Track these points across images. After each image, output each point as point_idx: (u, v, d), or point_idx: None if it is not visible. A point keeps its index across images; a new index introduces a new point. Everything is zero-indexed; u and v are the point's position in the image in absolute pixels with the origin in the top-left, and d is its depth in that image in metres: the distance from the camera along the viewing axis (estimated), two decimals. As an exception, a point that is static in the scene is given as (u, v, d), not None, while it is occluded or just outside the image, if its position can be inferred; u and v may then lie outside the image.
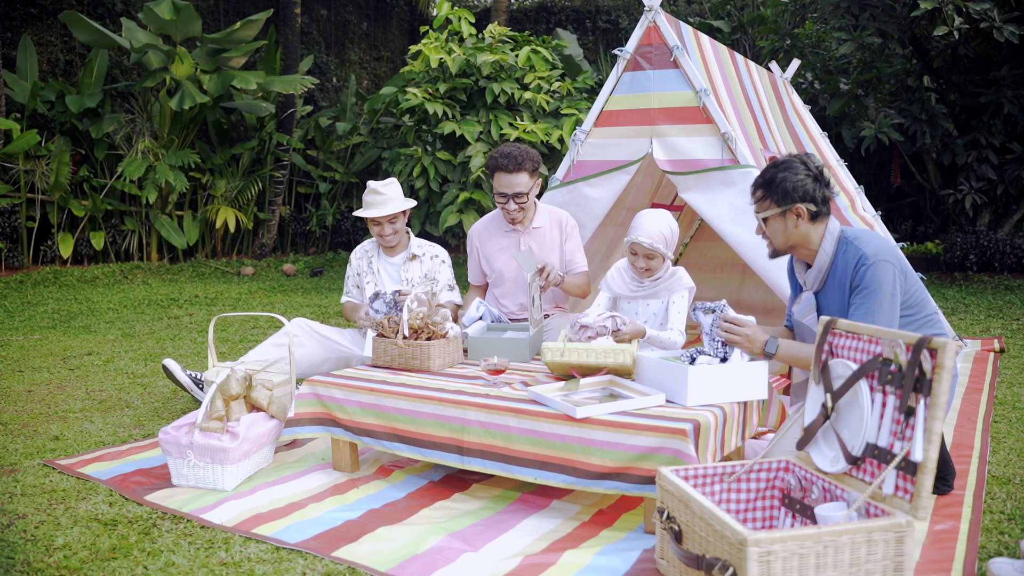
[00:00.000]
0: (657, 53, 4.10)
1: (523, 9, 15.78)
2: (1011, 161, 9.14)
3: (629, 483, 2.47)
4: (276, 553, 2.41)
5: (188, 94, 9.23)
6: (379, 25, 14.76)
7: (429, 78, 8.84)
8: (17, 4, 10.16)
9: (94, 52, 9.89)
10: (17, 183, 9.19)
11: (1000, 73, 8.66)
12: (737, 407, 2.72)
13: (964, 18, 7.60)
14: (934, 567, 2.29)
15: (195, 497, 2.83)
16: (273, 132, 10.84)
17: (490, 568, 2.30)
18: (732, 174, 3.87)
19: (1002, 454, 3.27)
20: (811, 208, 2.71)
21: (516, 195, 3.74)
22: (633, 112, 4.17)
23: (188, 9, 9.33)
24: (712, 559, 1.94)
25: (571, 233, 3.92)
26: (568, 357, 2.89)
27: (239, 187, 10.61)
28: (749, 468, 2.32)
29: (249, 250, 11.30)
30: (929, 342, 1.99)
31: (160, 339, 5.99)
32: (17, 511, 2.72)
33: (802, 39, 10.24)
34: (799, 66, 7.40)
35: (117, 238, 10.05)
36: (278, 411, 3.17)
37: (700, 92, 3.97)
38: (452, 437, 2.79)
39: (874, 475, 2.10)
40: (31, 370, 4.93)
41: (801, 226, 2.73)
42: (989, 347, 5.30)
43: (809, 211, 2.71)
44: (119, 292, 8.48)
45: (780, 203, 2.73)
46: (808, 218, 2.72)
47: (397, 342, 3.21)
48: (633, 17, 14.60)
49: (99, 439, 3.54)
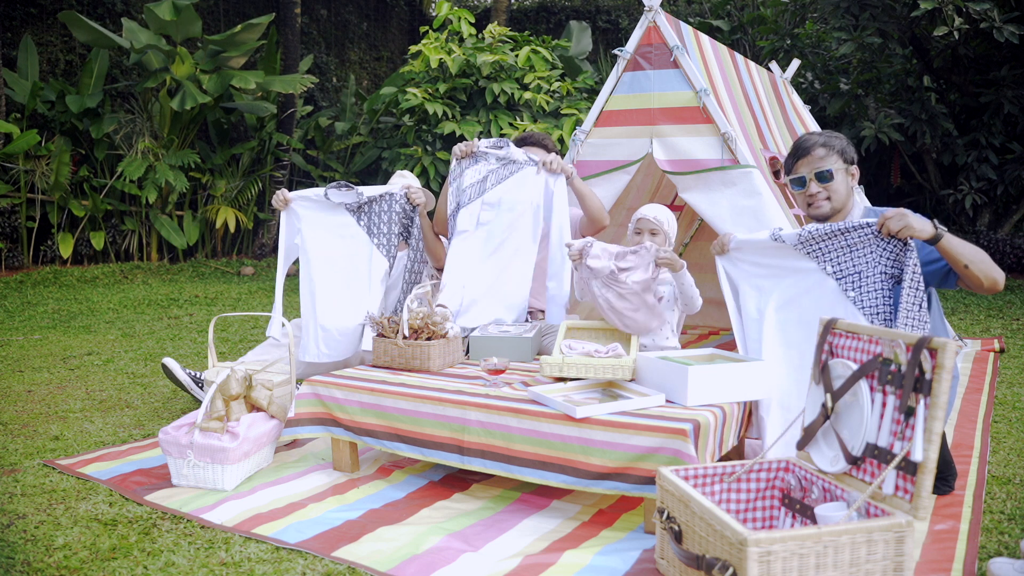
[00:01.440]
0: (657, 53, 4.10)
1: (523, 9, 15.78)
2: (1011, 161, 9.14)
3: (629, 483, 2.47)
4: (276, 553, 2.41)
5: (189, 94, 9.23)
6: (379, 25, 14.76)
7: (429, 78, 8.84)
8: (17, 4, 10.16)
9: (94, 52, 9.89)
10: (17, 183, 9.19)
11: (1000, 73, 8.66)
12: (737, 407, 2.72)
13: (964, 18, 7.60)
14: (934, 567, 2.29)
15: (195, 497, 2.83)
16: (273, 132, 10.84)
17: (490, 568, 2.30)
18: (732, 174, 3.87)
19: (1002, 454, 3.27)
20: (857, 174, 2.93)
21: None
22: (633, 112, 4.17)
23: (189, 10, 9.33)
24: (712, 559, 1.94)
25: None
26: (567, 372, 2.89)
27: (239, 187, 10.61)
28: (749, 468, 2.32)
29: (249, 250, 11.30)
30: (929, 342, 1.99)
31: (160, 339, 5.99)
32: (17, 511, 2.72)
33: (802, 39, 10.24)
34: (799, 66, 7.41)
35: (117, 238, 10.05)
36: (278, 411, 3.17)
37: (700, 92, 3.97)
38: (453, 437, 2.79)
39: (874, 475, 2.10)
40: (31, 370, 4.93)
41: (851, 189, 2.92)
42: (989, 347, 5.30)
43: (857, 177, 2.93)
44: (119, 292, 8.48)
45: (844, 160, 2.90)
46: (856, 182, 2.92)
47: (397, 342, 3.21)
48: (633, 17, 14.60)
49: (99, 439, 3.54)
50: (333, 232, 3.79)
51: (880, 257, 2.64)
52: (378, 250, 3.75)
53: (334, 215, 3.79)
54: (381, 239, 3.76)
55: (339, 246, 3.78)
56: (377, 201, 3.79)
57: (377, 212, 3.77)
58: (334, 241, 3.78)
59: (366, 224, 3.76)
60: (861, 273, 2.68)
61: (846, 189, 2.92)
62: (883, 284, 2.63)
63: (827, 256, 2.75)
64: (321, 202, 3.79)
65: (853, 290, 2.69)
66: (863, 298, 2.66)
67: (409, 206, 3.81)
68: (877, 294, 2.64)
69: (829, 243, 2.73)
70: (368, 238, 3.76)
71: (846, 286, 2.70)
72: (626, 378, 2.87)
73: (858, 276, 2.69)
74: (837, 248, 2.72)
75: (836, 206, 2.92)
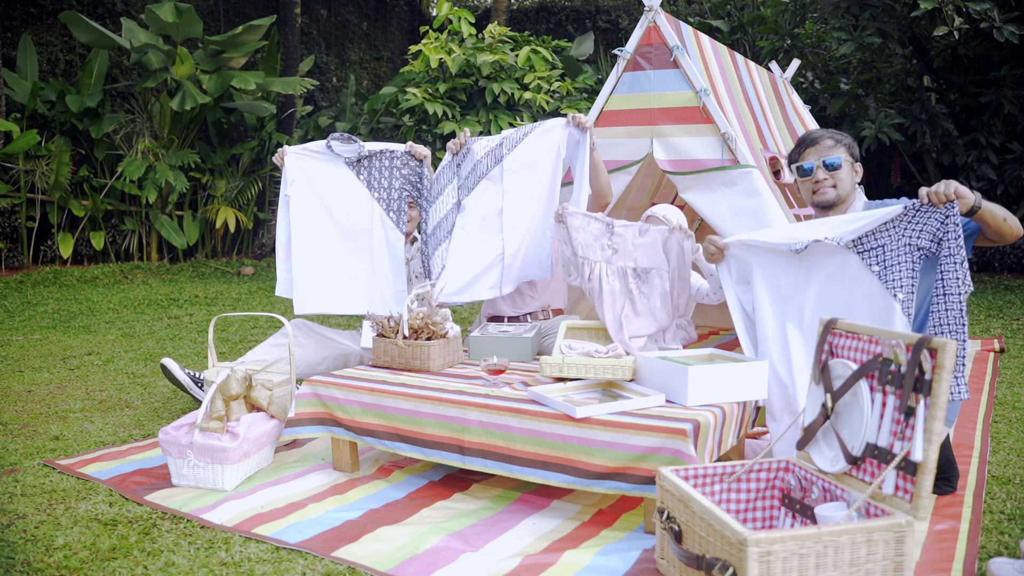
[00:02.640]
0: (657, 53, 4.10)
1: (523, 9, 15.78)
2: (1011, 161, 9.14)
3: (629, 483, 2.47)
4: (276, 553, 2.41)
5: (189, 95, 9.23)
6: (379, 25, 14.76)
7: (429, 78, 8.84)
8: (17, 4, 10.16)
9: (94, 52, 9.89)
10: (17, 183, 9.19)
11: (1000, 73, 8.66)
12: (737, 407, 2.72)
13: (964, 18, 7.60)
14: (934, 567, 2.29)
15: (195, 497, 2.83)
16: (273, 132, 10.84)
17: (490, 568, 2.30)
18: (732, 174, 3.87)
19: (1002, 454, 3.27)
20: (860, 171, 3.02)
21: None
22: (633, 112, 4.17)
23: (190, 11, 9.34)
24: (712, 559, 1.94)
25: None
26: (567, 372, 2.89)
27: (239, 187, 10.61)
28: (749, 468, 2.32)
29: (249, 250, 11.30)
30: (929, 342, 1.99)
31: (160, 339, 5.99)
32: (17, 511, 2.72)
33: (802, 39, 10.24)
34: (799, 66, 7.41)
35: (117, 238, 10.06)
36: (278, 411, 3.17)
37: (700, 92, 3.97)
38: (453, 437, 2.79)
39: (874, 475, 2.10)
40: (31, 370, 4.93)
41: (855, 184, 3.00)
42: (989, 347, 5.30)
43: (860, 175, 3.02)
44: (119, 292, 8.48)
45: (850, 154, 2.99)
46: (859, 179, 3.01)
47: (397, 342, 3.21)
48: (633, 17, 14.60)
49: (99, 439, 3.54)
50: (333, 185, 3.85)
51: (905, 229, 2.59)
52: (379, 204, 3.81)
53: (334, 167, 3.85)
54: (381, 193, 3.82)
55: (338, 198, 3.84)
56: (378, 156, 3.85)
57: (378, 168, 3.84)
58: (334, 193, 3.85)
59: (366, 179, 3.82)
60: (885, 247, 2.63)
61: (851, 181, 2.98)
62: (908, 256, 2.58)
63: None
64: (321, 154, 3.84)
65: (877, 264, 2.64)
66: (887, 272, 2.62)
67: (415, 161, 3.83)
68: (902, 267, 2.59)
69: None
70: (368, 192, 3.83)
71: (869, 260, 2.66)
72: (626, 378, 2.87)
73: (881, 250, 2.64)
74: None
75: (841, 195, 2.96)
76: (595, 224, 3.15)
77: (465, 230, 3.78)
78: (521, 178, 3.74)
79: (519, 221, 3.72)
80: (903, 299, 2.60)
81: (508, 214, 3.74)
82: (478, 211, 3.78)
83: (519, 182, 3.73)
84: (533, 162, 3.73)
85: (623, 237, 3.18)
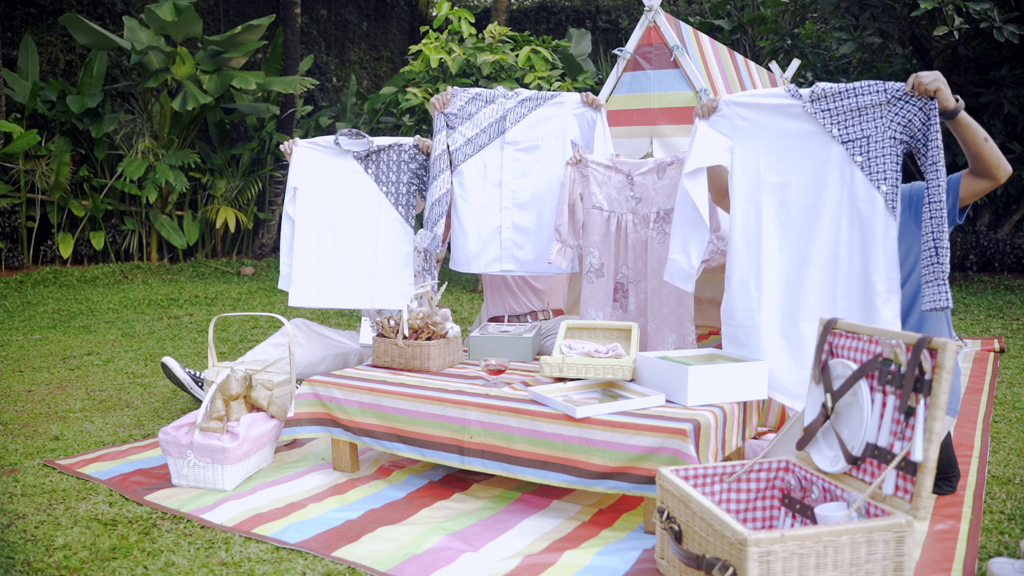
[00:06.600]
0: (657, 53, 4.10)
1: (523, 9, 15.77)
2: (1011, 161, 9.14)
3: (629, 483, 2.47)
4: (276, 553, 2.41)
5: (189, 94, 9.23)
6: (379, 25, 14.76)
7: (429, 78, 8.84)
8: (17, 4, 10.16)
9: (94, 52, 9.89)
10: (17, 183, 9.19)
11: (1000, 73, 8.66)
12: (737, 407, 2.72)
13: (964, 18, 7.60)
14: (934, 567, 2.29)
15: (195, 497, 2.83)
16: (273, 132, 10.84)
17: (490, 568, 2.30)
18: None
19: (1002, 454, 3.27)
20: None
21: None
22: (633, 112, 4.17)
23: (189, 10, 9.33)
24: (712, 559, 1.94)
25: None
26: (567, 372, 2.89)
27: (239, 187, 10.61)
28: (749, 468, 2.32)
29: (249, 250, 11.30)
30: (929, 342, 1.99)
31: (160, 339, 5.99)
32: (17, 511, 2.72)
33: (802, 39, 10.24)
34: (799, 66, 7.40)
35: (117, 238, 10.06)
36: (278, 411, 3.17)
37: (700, 92, 3.97)
38: (453, 437, 2.79)
39: (874, 475, 2.10)
40: (31, 370, 4.93)
41: None
42: (989, 347, 5.30)
43: None
44: (119, 292, 8.48)
45: None
46: None
47: (397, 342, 3.21)
48: (633, 17, 14.60)
49: (99, 439, 3.54)
50: (340, 179, 3.84)
51: (891, 121, 2.58)
52: (387, 198, 3.80)
53: (342, 161, 3.84)
54: (389, 187, 3.80)
55: (346, 192, 3.83)
56: (386, 151, 3.83)
57: (386, 162, 3.83)
58: (340, 188, 3.84)
59: (374, 173, 3.81)
60: (870, 138, 2.61)
61: None
62: (891, 149, 2.58)
63: (835, 118, 2.67)
64: (330, 148, 3.83)
65: (860, 155, 2.63)
66: (870, 163, 2.61)
67: (423, 156, 3.81)
68: (885, 159, 2.58)
69: (839, 103, 2.65)
70: (376, 186, 3.82)
71: (853, 151, 2.64)
72: (626, 378, 2.87)
73: (866, 141, 2.62)
74: (846, 110, 2.65)
75: None
76: (616, 176, 3.14)
77: (465, 200, 3.75)
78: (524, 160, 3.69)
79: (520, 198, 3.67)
80: (887, 191, 2.59)
81: (507, 188, 3.70)
82: (476, 181, 3.73)
83: (521, 161, 3.69)
84: (538, 138, 3.67)
85: (644, 185, 3.19)
